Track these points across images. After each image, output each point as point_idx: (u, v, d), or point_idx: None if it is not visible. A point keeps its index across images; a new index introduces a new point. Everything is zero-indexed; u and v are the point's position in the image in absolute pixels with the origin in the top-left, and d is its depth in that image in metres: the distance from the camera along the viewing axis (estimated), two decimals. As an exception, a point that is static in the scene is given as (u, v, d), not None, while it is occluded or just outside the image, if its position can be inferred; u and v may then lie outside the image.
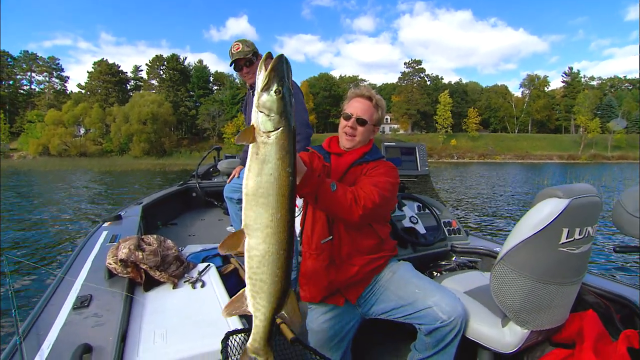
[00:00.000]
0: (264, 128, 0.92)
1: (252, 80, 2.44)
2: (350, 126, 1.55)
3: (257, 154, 0.92)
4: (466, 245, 2.54)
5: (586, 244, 1.36)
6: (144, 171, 30.18)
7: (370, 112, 1.56)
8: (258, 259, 0.91)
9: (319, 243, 1.56)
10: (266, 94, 0.92)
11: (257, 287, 0.93)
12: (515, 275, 1.38)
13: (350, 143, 1.58)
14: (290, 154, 0.93)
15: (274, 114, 0.92)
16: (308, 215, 1.61)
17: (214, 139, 59.70)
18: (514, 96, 72.23)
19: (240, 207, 2.83)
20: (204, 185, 4.75)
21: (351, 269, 1.55)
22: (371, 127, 1.60)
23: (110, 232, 2.24)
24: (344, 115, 1.57)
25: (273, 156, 0.91)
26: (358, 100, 1.57)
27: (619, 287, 1.82)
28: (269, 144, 0.92)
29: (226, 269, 2.11)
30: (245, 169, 0.93)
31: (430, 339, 1.47)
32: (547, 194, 1.32)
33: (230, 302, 0.98)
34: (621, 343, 1.32)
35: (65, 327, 1.17)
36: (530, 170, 32.81)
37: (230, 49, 2.37)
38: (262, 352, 0.97)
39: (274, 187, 0.90)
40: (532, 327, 1.42)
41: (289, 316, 0.98)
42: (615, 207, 1.22)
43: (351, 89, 1.64)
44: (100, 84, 63.73)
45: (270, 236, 0.90)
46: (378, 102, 1.59)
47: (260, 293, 0.93)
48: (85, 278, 1.55)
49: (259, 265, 0.92)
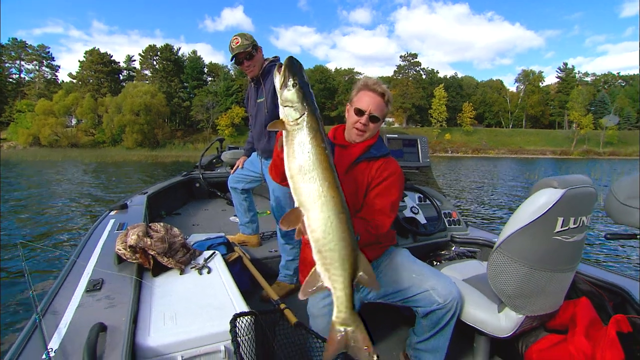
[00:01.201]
0: (292, 118, 1.00)
1: (253, 73, 2.45)
2: (364, 123, 1.52)
3: (292, 140, 0.99)
4: (465, 235, 2.61)
5: (580, 233, 1.40)
6: (137, 163, 29.87)
7: (382, 108, 1.54)
8: (322, 229, 0.94)
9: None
10: (285, 90, 1.01)
11: (328, 258, 0.95)
12: (511, 262, 1.43)
13: (361, 138, 1.56)
14: (321, 132, 1.00)
15: (297, 104, 1.00)
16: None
17: (208, 130, 59.11)
18: (509, 91, 72.35)
19: (244, 197, 2.85)
20: (207, 176, 4.81)
21: None
22: (381, 123, 1.59)
23: (117, 220, 2.29)
24: (356, 110, 1.52)
25: (306, 138, 0.98)
26: (370, 95, 1.52)
27: (612, 275, 1.89)
28: (299, 130, 0.99)
29: (230, 257, 2.15)
30: (285, 155, 1.00)
31: (427, 322, 1.53)
32: (543, 184, 1.36)
33: (305, 284, 0.98)
34: (611, 327, 1.38)
35: (80, 308, 1.21)
36: (524, 165, 33.23)
37: (229, 44, 2.39)
38: (350, 322, 0.98)
39: (315, 162, 0.96)
40: (526, 312, 1.48)
41: (364, 279, 0.99)
42: (607, 197, 1.27)
43: (363, 78, 1.58)
44: (92, 73, 62.33)
45: (325, 204, 0.95)
46: (389, 98, 1.56)
47: (333, 263, 0.95)
48: (96, 263, 1.59)
49: (324, 235, 0.94)
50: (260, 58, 2.46)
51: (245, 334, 1.24)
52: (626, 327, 1.40)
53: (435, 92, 63.65)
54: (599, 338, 1.40)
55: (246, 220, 2.89)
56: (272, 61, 2.48)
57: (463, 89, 71.33)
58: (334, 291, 0.96)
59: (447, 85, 67.44)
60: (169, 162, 30.75)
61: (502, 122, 70.00)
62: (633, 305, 1.64)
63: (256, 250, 2.82)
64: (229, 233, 2.91)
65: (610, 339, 1.35)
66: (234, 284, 1.55)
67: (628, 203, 1.14)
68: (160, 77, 63.20)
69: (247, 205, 2.88)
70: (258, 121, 2.54)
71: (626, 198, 1.15)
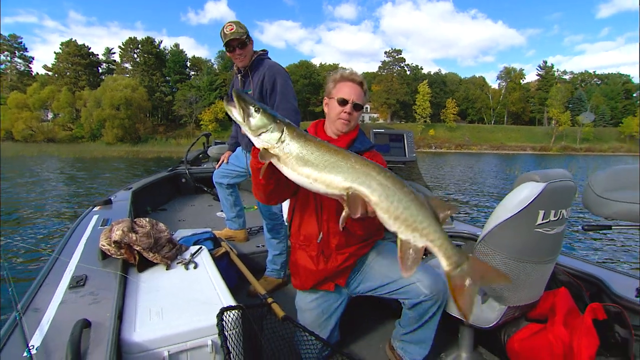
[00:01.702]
0: (275, 140, 1.00)
1: (243, 63, 2.42)
2: (348, 112, 1.52)
3: (289, 157, 1.00)
4: (451, 229, 2.64)
5: (560, 225, 1.44)
6: (117, 158, 29.13)
7: (362, 97, 1.56)
8: (384, 196, 0.93)
9: (307, 235, 1.59)
10: (251, 119, 1.00)
11: (409, 216, 0.92)
12: (494, 254, 1.46)
13: (347, 127, 1.57)
14: (305, 134, 1.02)
15: (271, 124, 1.00)
16: (296, 210, 1.63)
17: (191, 125, 58.17)
18: (491, 88, 73.93)
19: (230, 192, 2.82)
20: (194, 171, 4.76)
21: (340, 258, 1.58)
22: (362, 111, 1.61)
23: (101, 216, 2.25)
24: (339, 100, 1.52)
25: (301, 148, 0.99)
26: (349, 85, 1.53)
27: (589, 266, 1.97)
28: (288, 145, 1.00)
29: (217, 252, 2.13)
30: (292, 172, 1.01)
31: (414, 313, 1.55)
32: (525, 178, 1.40)
33: (402, 260, 0.94)
34: (587, 316, 1.43)
35: (62, 305, 1.19)
36: (505, 160, 34.07)
37: (222, 30, 2.35)
38: (462, 259, 0.95)
39: (325, 156, 0.98)
40: (509, 303, 1.51)
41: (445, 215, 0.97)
42: (584, 190, 1.31)
43: (337, 71, 1.59)
44: (69, 66, 60.24)
45: (365, 174, 0.95)
46: (366, 87, 1.59)
47: (416, 217, 0.92)
48: (79, 259, 1.56)
49: (389, 198, 0.93)
50: (251, 49, 2.44)
51: (232, 328, 1.23)
52: (601, 314, 1.46)
53: (419, 88, 64.38)
54: (576, 326, 1.45)
55: (232, 215, 2.87)
56: (261, 55, 2.46)
57: (447, 86, 72.43)
58: (432, 244, 0.93)
59: (431, 82, 68.33)
60: (151, 158, 30.14)
61: (485, 118, 71.52)
62: (608, 294, 1.71)
63: (243, 245, 2.81)
64: (215, 228, 2.88)
65: (587, 327, 1.40)
66: (221, 279, 1.54)
67: (604, 195, 1.18)
68: (142, 71, 61.72)
69: (233, 200, 2.85)
70: None
71: (602, 191, 1.19)
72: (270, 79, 2.33)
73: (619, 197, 1.13)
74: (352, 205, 0.95)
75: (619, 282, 1.76)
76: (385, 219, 0.94)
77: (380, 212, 0.94)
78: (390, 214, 0.93)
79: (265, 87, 2.35)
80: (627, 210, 1.14)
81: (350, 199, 0.95)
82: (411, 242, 0.93)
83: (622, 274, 1.89)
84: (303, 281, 1.63)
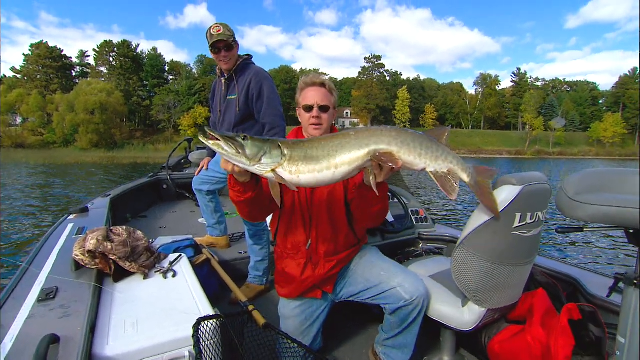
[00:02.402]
0: (278, 156, 1.02)
1: (228, 66, 2.40)
2: (315, 116, 1.53)
3: (299, 164, 1.03)
4: (432, 233, 2.68)
5: (537, 228, 1.47)
6: (90, 164, 28.13)
7: (328, 98, 1.56)
8: (402, 145, 1.08)
9: (294, 243, 1.59)
10: (245, 149, 0.99)
11: (429, 151, 1.12)
12: (473, 258, 1.47)
13: (320, 132, 1.56)
14: (295, 139, 1.10)
15: (265, 146, 1.01)
16: (282, 218, 1.61)
17: (169, 130, 57.03)
18: (468, 94, 76.05)
19: (210, 199, 2.77)
20: (175, 177, 4.68)
21: (328, 265, 1.58)
22: (333, 112, 1.59)
23: (76, 224, 2.17)
24: (305, 107, 1.54)
25: (303, 150, 1.03)
26: (311, 90, 1.55)
27: (565, 267, 2.01)
28: (293, 154, 1.03)
29: (198, 260, 2.09)
30: (317, 168, 1.04)
31: (395, 318, 1.55)
32: (503, 181, 1.42)
33: (444, 189, 1.14)
34: (563, 316, 1.46)
35: (29, 320, 1.12)
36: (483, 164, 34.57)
37: (209, 30, 2.32)
38: (471, 169, 1.23)
39: (329, 144, 1.06)
40: (488, 305, 1.53)
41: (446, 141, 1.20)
42: (558, 193, 1.34)
43: (301, 79, 1.61)
44: (39, 68, 58.02)
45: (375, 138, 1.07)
46: (330, 86, 1.58)
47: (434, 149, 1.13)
48: (50, 270, 1.49)
49: (407, 145, 1.08)
50: (236, 53, 2.42)
51: (210, 339, 1.20)
52: (577, 314, 1.49)
53: (398, 94, 65.56)
54: (553, 326, 1.48)
55: (213, 222, 2.81)
56: (246, 59, 2.45)
57: (425, 91, 74.03)
58: (452, 165, 1.16)
59: (410, 87, 69.70)
60: (127, 164, 29.29)
61: (463, 123, 73.31)
62: (584, 294, 1.76)
63: (225, 252, 2.76)
64: (197, 235, 2.83)
65: (562, 327, 1.43)
66: (200, 287, 1.50)
67: (576, 198, 1.21)
68: (118, 75, 60.07)
69: (213, 207, 2.79)
70: (227, 119, 2.47)
71: (574, 194, 1.22)
72: (257, 85, 2.32)
73: (590, 200, 1.17)
74: (382, 162, 1.05)
75: (593, 281, 1.81)
76: (411, 160, 1.09)
77: (405, 156, 1.08)
78: (415, 154, 1.09)
79: (252, 93, 2.33)
80: (597, 213, 1.17)
81: (377, 159, 1.05)
82: (439, 170, 1.13)
83: (596, 274, 1.94)
84: (291, 290, 1.61)
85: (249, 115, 2.41)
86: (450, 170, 1.15)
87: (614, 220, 1.13)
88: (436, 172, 1.13)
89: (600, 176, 1.27)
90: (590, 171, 1.32)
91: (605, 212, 1.13)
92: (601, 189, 1.22)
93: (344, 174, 1.07)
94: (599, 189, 1.22)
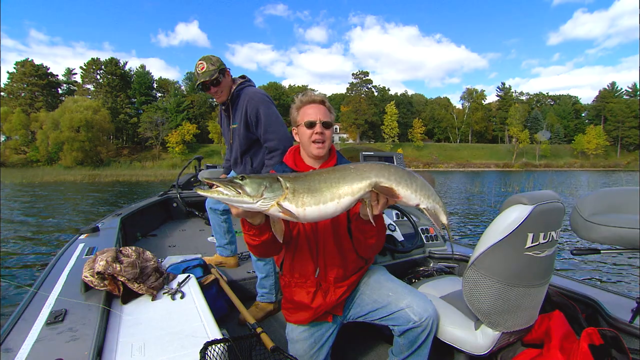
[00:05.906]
0: (280, 189, 1.02)
1: (221, 99, 2.37)
2: (319, 132, 1.51)
3: (303, 195, 1.04)
4: (443, 251, 2.61)
5: (550, 248, 1.42)
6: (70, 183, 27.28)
7: (327, 114, 1.55)
8: (400, 181, 1.12)
9: (302, 272, 1.56)
10: (245, 187, 1.00)
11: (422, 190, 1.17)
12: (484, 279, 1.44)
13: (323, 150, 1.54)
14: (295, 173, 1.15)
15: (265, 182, 1.02)
16: (287, 249, 1.58)
17: (157, 148, 56.53)
18: (456, 108, 77.06)
19: (225, 219, 2.74)
20: (185, 196, 4.74)
21: (339, 291, 1.56)
22: (332, 130, 1.58)
23: (86, 244, 2.18)
24: (307, 124, 1.51)
25: (304, 182, 1.06)
26: (311, 107, 1.54)
27: (584, 287, 1.92)
28: (295, 185, 1.04)
29: (206, 280, 2.10)
30: (321, 199, 1.05)
31: (404, 340, 1.52)
32: (513, 200, 1.39)
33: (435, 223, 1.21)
34: (583, 341, 1.41)
35: (37, 344, 1.13)
36: (473, 177, 35.01)
37: (195, 68, 2.30)
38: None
39: (330, 176, 1.08)
40: (502, 329, 1.48)
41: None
42: (572, 213, 1.31)
43: (297, 97, 1.59)
44: (23, 86, 57.54)
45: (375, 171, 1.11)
46: (329, 104, 1.58)
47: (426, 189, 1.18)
48: (60, 292, 1.50)
49: (404, 181, 1.13)
50: (228, 82, 2.36)
51: None
52: (597, 339, 1.42)
53: (386, 109, 66.24)
54: (573, 351, 1.42)
55: (225, 242, 2.77)
56: (241, 84, 2.38)
57: (413, 106, 75.07)
58: (438, 205, 1.21)
59: (398, 102, 70.49)
60: (107, 182, 28.58)
61: (451, 137, 74.18)
62: (604, 317, 1.66)
63: (234, 271, 2.73)
64: (206, 254, 2.84)
65: (583, 352, 1.37)
66: (208, 309, 1.49)
67: (591, 220, 1.16)
68: (105, 92, 59.74)
69: (226, 227, 2.77)
70: (234, 148, 2.48)
71: (589, 215, 1.18)
72: (253, 111, 2.25)
73: (605, 221, 1.12)
74: (382, 192, 1.09)
75: (613, 302, 1.73)
76: (408, 195, 1.13)
77: (402, 190, 1.12)
78: (411, 190, 1.13)
79: (250, 121, 2.28)
80: (613, 235, 1.11)
81: (378, 190, 1.08)
82: (430, 208, 1.18)
83: (616, 294, 1.85)
84: (301, 318, 1.57)
85: (254, 141, 2.39)
86: (435, 209, 1.21)
87: (630, 243, 1.07)
88: (427, 209, 1.19)
89: (616, 196, 1.23)
90: (606, 190, 1.28)
91: (621, 235, 1.08)
92: (618, 210, 1.17)
93: (347, 205, 1.08)
94: (616, 209, 1.17)
